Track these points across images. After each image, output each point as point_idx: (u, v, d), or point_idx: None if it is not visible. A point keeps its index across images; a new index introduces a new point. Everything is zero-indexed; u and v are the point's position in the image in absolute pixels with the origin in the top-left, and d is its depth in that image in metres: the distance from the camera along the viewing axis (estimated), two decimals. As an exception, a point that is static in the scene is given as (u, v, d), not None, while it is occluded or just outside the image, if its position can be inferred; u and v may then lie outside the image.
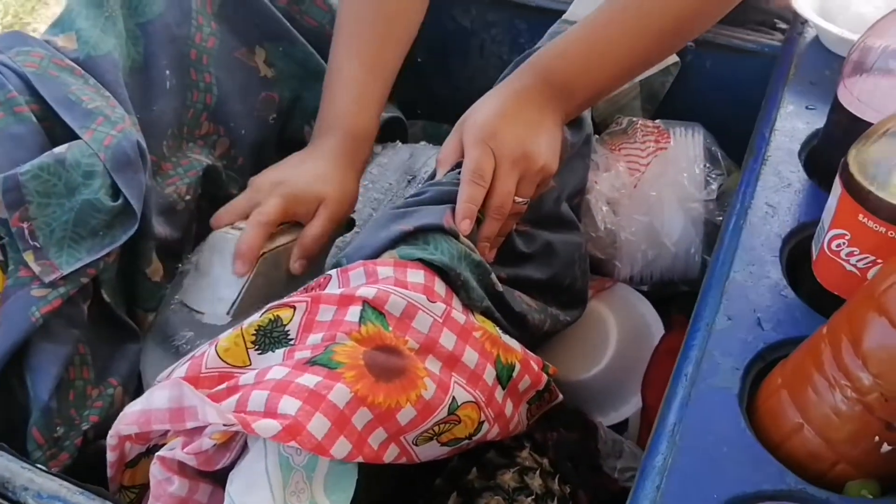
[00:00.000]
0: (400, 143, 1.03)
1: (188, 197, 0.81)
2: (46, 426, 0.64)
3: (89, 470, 0.67)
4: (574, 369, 0.85)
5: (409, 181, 0.96)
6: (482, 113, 0.75)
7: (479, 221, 0.71)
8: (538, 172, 0.73)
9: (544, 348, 0.82)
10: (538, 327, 0.75)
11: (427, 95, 1.20)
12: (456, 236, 0.67)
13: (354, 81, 0.85)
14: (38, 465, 0.59)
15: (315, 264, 0.79)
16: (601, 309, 0.89)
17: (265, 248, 0.76)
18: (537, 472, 0.70)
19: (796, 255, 0.68)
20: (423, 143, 1.07)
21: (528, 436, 0.74)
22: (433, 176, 0.76)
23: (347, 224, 0.87)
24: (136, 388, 0.74)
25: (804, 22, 0.93)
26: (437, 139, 1.14)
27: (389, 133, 1.03)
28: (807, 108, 0.82)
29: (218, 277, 0.75)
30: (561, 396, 0.74)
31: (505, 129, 0.73)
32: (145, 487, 0.63)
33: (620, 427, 0.86)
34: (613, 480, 0.78)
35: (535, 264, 0.77)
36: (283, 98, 0.92)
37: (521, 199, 0.73)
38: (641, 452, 0.78)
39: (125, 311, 0.75)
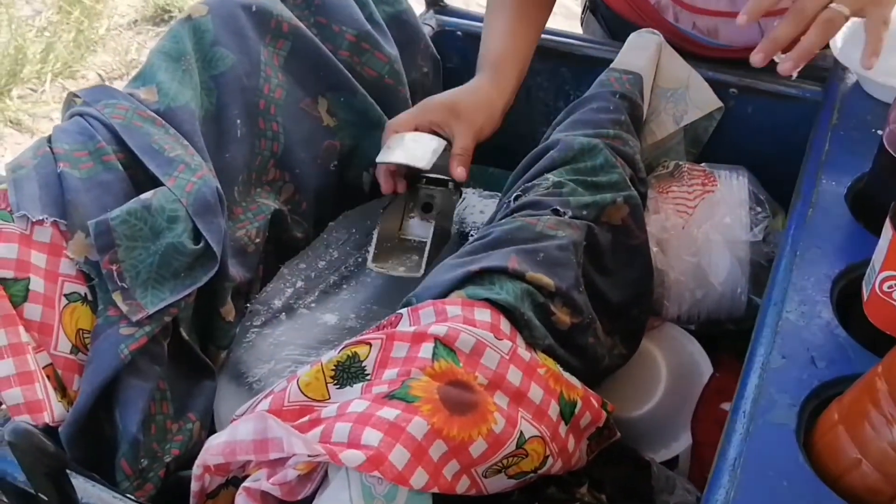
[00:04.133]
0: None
1: (258, 240, 0.85)
2: (134, 458, 0.68)
3: (171, 500, 0.70)
4: (626, 406, 0.87)
5: (460, 224, 1.00)
6: None
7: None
8: None
9: (597, 386, 0.85)
10: (599, 361, 0.78)
11: (475, 141, 1.24)
12: (520, 277, 0.71)
13: (505, 32, 0.99)
14: (128, 495, 0.62)
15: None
16: (651, 347, 0.91)
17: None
18: (595, 506, 0.72)
19: (846, 295, 0.70)
20: (471, 189, 1.11)
21: (586, 472, 0.77)
22: (492, 219, 0.80)
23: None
24: (210, 423, 0.78)
25: (844, 69, 0.96)
26: (485, 182, 1.18)
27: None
28: (851, 152, 0.84)
29: None
30: (619, 434, 0.76)
31: None
32: (224, 517, 0.66)
33: (671, 463, 0.87)
34: (667, 516, 0.80)
35: (612, 281, 0.80)
36: (344, 146, 0.96)
37: (838, 7, 0.72)
38: (693, 489, 0.80)
39: (200, 349, 0.79)
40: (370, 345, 0.64)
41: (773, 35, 0.72)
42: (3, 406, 0.66)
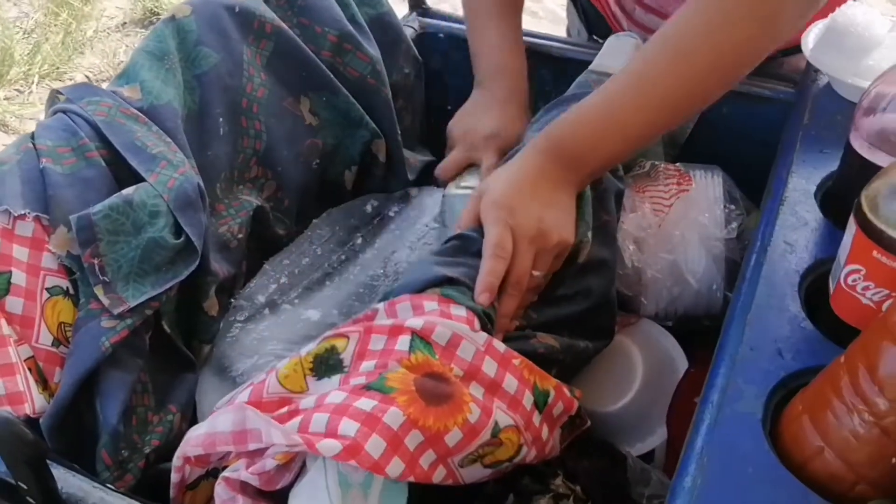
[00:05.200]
0: (435, 187, 1.08)
1: (240, 236, 0.86)
2: (114, 449, 0.69)
3: (150, 491, 0.71)
4: (602, 401, 0.88)
5: (442, 223, 1.01)
6: (499, 191, 0.78)
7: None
8: (554, 247, 0.77)
9: (572, 381, 0.86)
10: (556, 362, 0.79)
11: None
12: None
13: (506, 24, 1.01)
14: (108, 485, 0.63)
15: None
16: (627, 343, 0.92)
17: None
18: (570, 498, 0.73)
19: (814, 289, 0.72)
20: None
21: (560, 463, 0.78)
22: None
23: None
24: (192, 415, 0.79)
25: (817, 70, 0.98)
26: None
27: (425, 177, 1.08)
28: (821, 151, 0.86)
29: None
30: (588, 422, 0.77)
31: (522, 206, 0.77)
32: (204, 508, 0.67)
33: (646, 458, 0.88)
34: (641, 507, 0.81)
35: (570, 303, 0.81)
36: (326, 144, 0.98)
37: (538, 273, 0.77)
38: (668, 481, 0.81)
39: (183, 342, 0.80)
40: (348, 338, 0.65)
41: (503, 312, 0.75)
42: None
